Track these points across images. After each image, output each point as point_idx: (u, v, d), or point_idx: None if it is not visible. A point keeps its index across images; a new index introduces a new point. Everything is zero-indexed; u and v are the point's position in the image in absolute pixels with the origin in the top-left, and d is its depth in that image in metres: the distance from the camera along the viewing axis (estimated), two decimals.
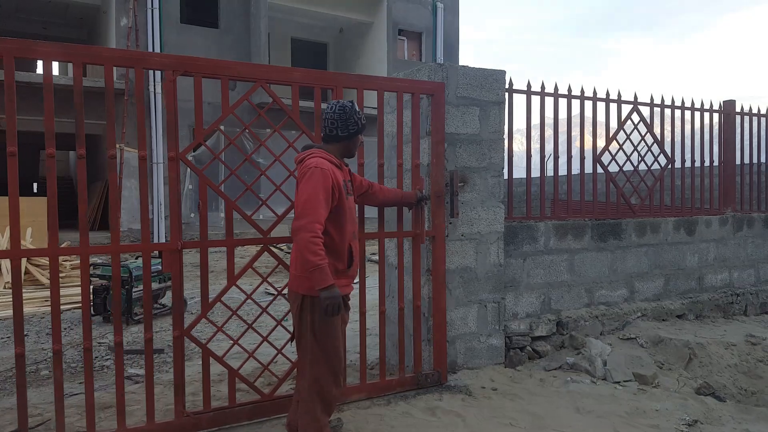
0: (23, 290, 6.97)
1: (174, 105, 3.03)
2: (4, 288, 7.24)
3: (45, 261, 7.81)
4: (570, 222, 4.67)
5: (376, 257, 11.66)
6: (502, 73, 4.20)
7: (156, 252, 6.00)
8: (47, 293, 6.80)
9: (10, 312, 6.15)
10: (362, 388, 3.60)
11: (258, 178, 3.51)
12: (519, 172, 4.87)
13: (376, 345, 5.00)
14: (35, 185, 21.44)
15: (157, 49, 13.95)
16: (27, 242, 8.38)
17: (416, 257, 3.77)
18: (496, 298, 4.15)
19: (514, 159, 4.52)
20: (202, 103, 3.12)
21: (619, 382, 3.99)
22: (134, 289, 5.94)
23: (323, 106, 2.94)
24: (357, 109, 2.87)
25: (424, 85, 3.80)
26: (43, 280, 7.49)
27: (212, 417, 3.15)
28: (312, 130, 3.33)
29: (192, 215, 13.12)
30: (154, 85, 13.48)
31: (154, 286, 6.52)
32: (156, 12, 14.13)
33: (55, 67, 19.96)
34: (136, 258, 6.56)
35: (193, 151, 13.93)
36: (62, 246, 6.07)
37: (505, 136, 4.23)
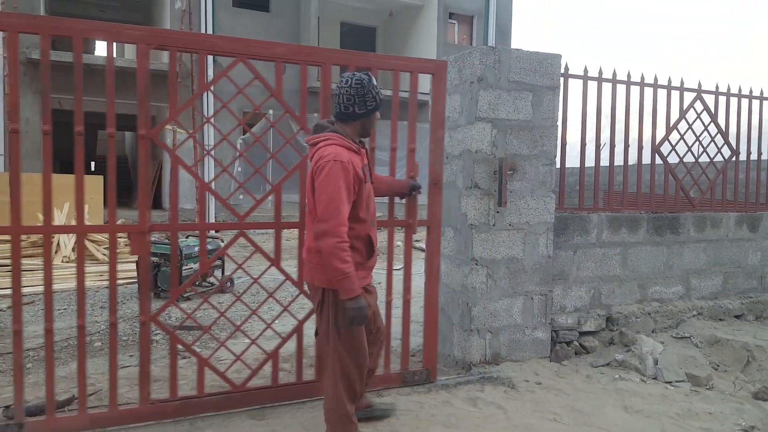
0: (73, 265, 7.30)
1: (146, 78, 2.87)
2: (62, 262, 7.59)
3: (100, 237, 8.14)
4: (625, 214, 4.50)
5: (419, 244, 11.61)
6: (558, 57, 4.05)
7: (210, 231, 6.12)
8: (100, 268, 7.09)
9: (66, 285, 6.45)
10: None
11: (235, 160, 3.48)
12: (572, 161, 4.71)
13: (416, 332, 5.00)
14: (92, 164, 22.35)
15: (210, 32, 14.20)
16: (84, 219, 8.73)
17: (408, 247, 3.60)
18: (543, 291, 4.04)
19: (567, 147, 4.38)
20: (175, 76, 2.97)
21: (670, 382, 3.83)
22: (184, 267, 6.11)
23: (340, 79, 2.66)
24: (375, 82, 2.62)
25: (425, 64, 3.52)
26: (99, 255, 7.81)
27: (178, 406, 3.04)
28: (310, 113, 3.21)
29: (241, 197, 13.38)
30: (206, 69, 13.72)
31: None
32: None
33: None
34: (186, 237, 6.73)
35: (242, 135, 14.17)
36: (119, 223, 6.29)
37: (559, 123, 4.08)
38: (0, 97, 12.14)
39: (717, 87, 4.99)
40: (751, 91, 5.17)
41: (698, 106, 4.84)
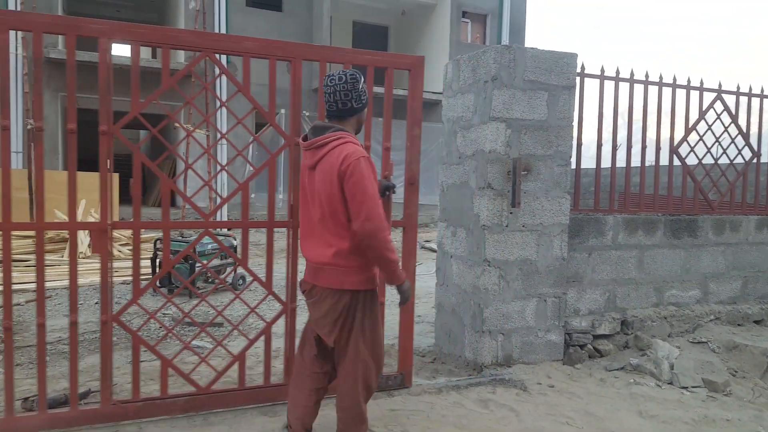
0: (92, 261, 7.37)
1: (107, 73, 2.80)
2: (81, 257, 7.66)
3: (117, 234, 8.21)
4: (641, 216, 4.43)
5: (429, 244, 11.59)
6: (574, 56, 3.99)
7: (223, 229, 6.15)
8: (117, 264, 7.14)
9: (82, 280, 6.50)
10: None
11: (199, 159, 3.33)
12: (587, 162, 4.64)
13: (426, 333, 4.99)
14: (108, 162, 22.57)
15: (223, 32, 14.27)
16: (96, 216, 8.79)
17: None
18: (556, 293, 3.99)
19: (582, 148, 4.32)
20: (138, 70, 2.89)
21: (686, 387, 3.76)
22: (196, 264, 6.13)
23: (329, 78, 2.57)
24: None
25: (401, 59, 3.40)
26: (115, 252, 7.87)
27: (141, 407, 2.98)
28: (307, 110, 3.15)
29: (253, 195, 13.45)
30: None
31: (215, 262, 6.73)
32: None
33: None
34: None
35: (256, 134, 14.23)
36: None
37: (575, 123, 4.03)
38: (17, 95, 12.31)
39: (738, 87, 4.89)
40: None
41: (718, 106, 4.75)
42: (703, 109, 4.71)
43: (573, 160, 4.05)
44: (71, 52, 2.80)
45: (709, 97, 4.76)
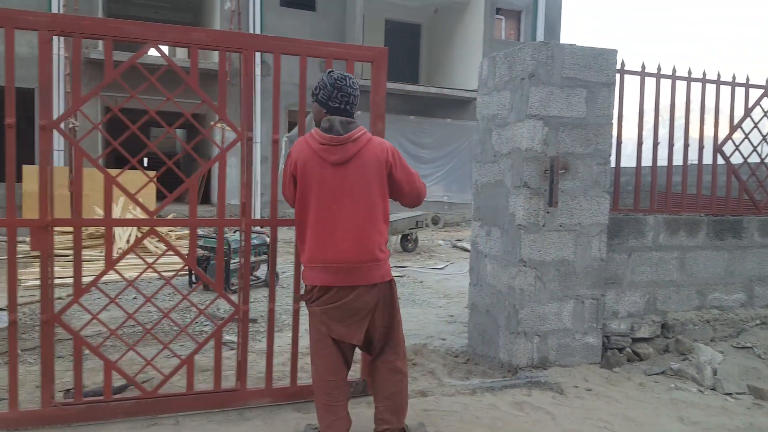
0: (130, 256, 7.55)
1: (48, 70, 2.73)
2: (117, 253, 7.87)
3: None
4: (683, 217, 4.29)
5: (461, 243, 11.50)
6: (614, 52, 3.90)
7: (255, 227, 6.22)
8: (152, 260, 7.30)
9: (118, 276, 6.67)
10: (265, 392, 3.23)
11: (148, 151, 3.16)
12: (627, 161, 4.53)
13: (459, 333, 4.95)
14: (145, 160, 23.15)
15: (258, 32, 14.44)
16: (135, 213, 9.01)
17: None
18: (594, 295, 3.90)
19: (622, 146, 4.22)
20: (80, 64, 2.87)
21: (730, 393, 3.64)
22: (232, 261, 6.23)
23: (350, 80, 2.62)
24: None
25: (362, 51, 3.26)
26: (151, 248, 8.06)
27: (83, 410, 2.89)
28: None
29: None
30: (254, 67, 13.98)
31: (251, 258, 6.81)
32: None
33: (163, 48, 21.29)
34: (234, 231, 6.87)
35: (288, 132, 14.35)
36: (169, 217, 6.48)
37: (614, 120, 3.94)
38: (59, 96, 12.72)
39: None
40: None
41: (765, 103, 4.58)
42: (749, 106, 4.54)
43: (613, 158, 3.97)
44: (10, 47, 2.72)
45: (755, 94, 4.59)
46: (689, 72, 4.33)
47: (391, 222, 9.79)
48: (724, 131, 4.52)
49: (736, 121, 4.53)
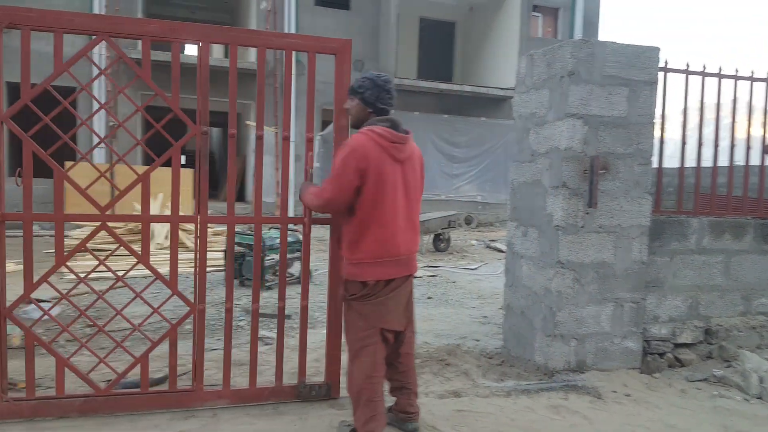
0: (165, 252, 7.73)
1: None
2: (157, 248, 8.07)
3: (190, 226, 8.58)
4: (728, 220, 4.16)
5: (495, 244, 11.39)
6: (656, 50, 3.80)
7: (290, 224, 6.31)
8: (189, 255, 7.47)
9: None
10: (223, 394, 3.15)
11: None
12: (669, 161, 4.41)
13: (493, 334, 4.90)
14: (183, 158, 23.71)
15: (293, 31, 14.58)
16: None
17: (306, 245, 3.29)
18: (635, 298, 3.81)
19: (665, 146, 4.11)
20: (29, 56, 2.76)
21: None
22: (266, 258, 6.32)
23: (389, 79, 2.73)
24: None
25: (324, 42, 3.11)
26: (188, 243, 8.24)
27: (35, 406, 2.89)
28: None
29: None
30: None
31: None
32: None
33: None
34: (269, 229, 6.96)
35: (321, 131, 14.47)
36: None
37: (657, 120, 3.84)
38: (100, 94, 13.12)
39: None
40: None
41: None
42: None
43: (654, 159, 3.87)
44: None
45: None
46: (736, 71, 4.19)
47: (423, 221, 9.79)
48: None
49: None
